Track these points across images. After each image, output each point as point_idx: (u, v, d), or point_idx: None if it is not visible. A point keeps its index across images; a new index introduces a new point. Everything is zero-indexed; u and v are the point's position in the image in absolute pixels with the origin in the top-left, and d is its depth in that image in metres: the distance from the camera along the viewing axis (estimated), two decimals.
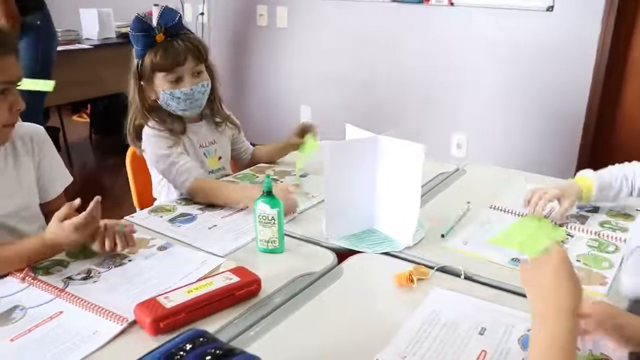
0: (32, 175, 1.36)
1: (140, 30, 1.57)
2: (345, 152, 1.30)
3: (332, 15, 3.99)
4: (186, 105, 1.65)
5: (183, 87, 1.62)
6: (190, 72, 1.63)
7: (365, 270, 1.25)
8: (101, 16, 4.24)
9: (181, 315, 0.99)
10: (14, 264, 1.18)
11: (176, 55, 1.58)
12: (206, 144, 1.78)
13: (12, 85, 1.20)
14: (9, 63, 1.18)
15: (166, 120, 1.68)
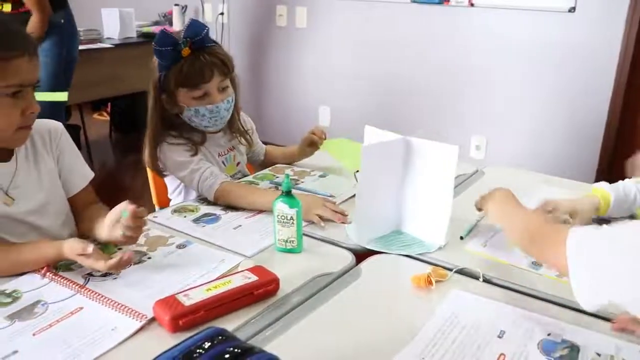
0: (53, 171, 1.37)
1: (166, 45, 1.51)
2: (378, 154, 1.29)
3: (351, 15, 3.98)
4: (210, 122, 1.63)
5: (208, 103, 1.58)
6: (216, 87, 1.58)
7: (384, 271, 1.25)
8: (122, 16, 4.28)
9: (200, 313, 0.99)
10: (29, 268, 1.19)
11: (202, 71, 1.53)
12: (224, 152, 1.77)
13: (25, 88, 1.18)
14: (21, 65, 1.15)
15: (184, 134, 1.64)
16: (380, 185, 1.35)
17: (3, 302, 1.09)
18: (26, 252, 1.21)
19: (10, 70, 1.13)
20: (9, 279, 1.17)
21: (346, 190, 1.64)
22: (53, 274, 1.18)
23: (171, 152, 1.62)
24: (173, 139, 1.63)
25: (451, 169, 1.29)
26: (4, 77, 1.13)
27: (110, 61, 3.99)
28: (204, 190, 1.57)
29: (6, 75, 1.13)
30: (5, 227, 1.27)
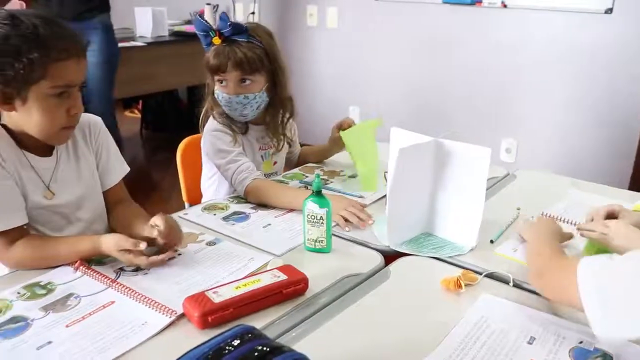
0: (92, 165, 1.40)
1: (199, 30, 1.63)
2: (410, 156, 1.29)
3: (382, 16, 3.97)
4: (227, 109, 1.69)
5: (226, 92, 1.65)
6: (234, 80, 1.63)
7: (412, 273, 1.24)
8: (155, 15, 4.33)
9: (229, 310, 1.00)
10: (65, 261, 1.22)
11: (221, 61, 1.61)
12: (265, 147, 1.80)
13: (71, 89, 1.21)
14: (69, 67, 1.18)
15: (230, 117, 1.72)
16: (411, 187, 1.34)
17: (38, 293, 1.12)
18: (63, 245, 1.23)
19: (58, 71, 1.16)
20: (44, 271, 1.20)
21: (375, 191, 1.64)
22: (86, 267, 1.20)
23: (213, 137, 1.68)
24: (219, 116, 1.71)
25: (483, 171, 1.28)
26: (54, 78, 1.16)
27: (143, 59, 4.04)
28: (236, 183, 1.62)
29: (55, 76, 1.16)
30: (44, 219, 1.30)
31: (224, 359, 0.74)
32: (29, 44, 1.13)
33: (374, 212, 1.51)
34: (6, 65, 1.12)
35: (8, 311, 1.06)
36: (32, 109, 1.18)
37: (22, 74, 1.13)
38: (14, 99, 1.17)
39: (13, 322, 1.03)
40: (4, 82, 1.14)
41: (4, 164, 1.22)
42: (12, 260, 1.22)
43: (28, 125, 1.22)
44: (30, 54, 1.12)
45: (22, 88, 1.15)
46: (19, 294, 1.12)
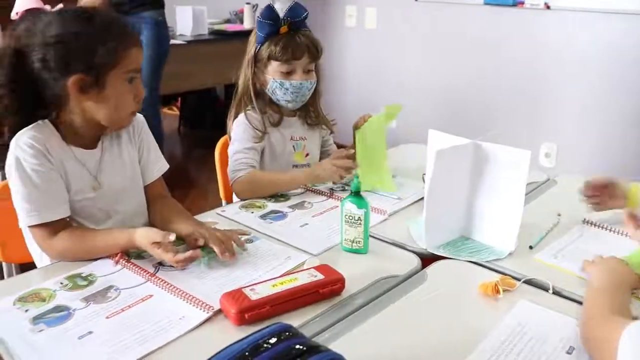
0: (134, 160, 1.43)
1: (267, 19, 1.65)
2: (448, 158, 1.28)
3: (421, 17, 3.94)
4: (291, 97, 1.72)
5: (293, 80, 1.69)
6: (303, 67, 1.70)
7: (450, 276, 1.23)
8: (195, 13, 4.38)
9: (265, 308, 1.01)
10: (102, 254, 1.25)
11: (295, 49, 1.67)
12: (296, 138, 1.83)
13: (137, 75, 1.29)
14: (136, 54, 1.27)
15: (265, 109, 1.76)
16: (449, 190, 1.33)
17: (79, 284, 1.15)
18: (99, 238, 1.26)
19: (129, 57, 1.25)
20: (85, 262, 1.23)
21: (413, 193, 1.63)
22: (126, 260, 1.22)
23: (239, 126, 1.74)
24: (253, 111, 1.75)
25: (523, 175, 1.26)
26: (126, 63, 1.25)
27: (182, 57, 4.08)
28: (230, 172, 1.69)
29: (126, 62, 1.25)
30: (86, 212, 1.33)
31: (261, 356, 0.74)
32: (104, 34, 1.23)
33: (412, 214, 1.50)
34: (82, 57, 1.21)
35: (52, 300, 1.09)
36: (109, 95, 1.25)
37: (100, 61, 1.21)
38: (92, 86, 1.24)
39: (56, 311, 1.05)
40: (85, 70, 1.21)
41: (50, 158, 1.25)
42: (54, 251, 1.25)
43: (101, 112, 1.27)
44: (106, 43, 1.22)
45: (101, 74, 1.23)
46: (61, 284, 1.15)
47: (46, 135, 1.27)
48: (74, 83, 1.21)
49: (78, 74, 1.21)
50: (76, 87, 1.22)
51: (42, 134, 1.27)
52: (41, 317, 1.04)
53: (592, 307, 1.01)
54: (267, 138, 1.77)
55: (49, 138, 1.27)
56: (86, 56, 1.20)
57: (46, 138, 1.27)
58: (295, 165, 1.82)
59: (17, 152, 1.24)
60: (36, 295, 1.11)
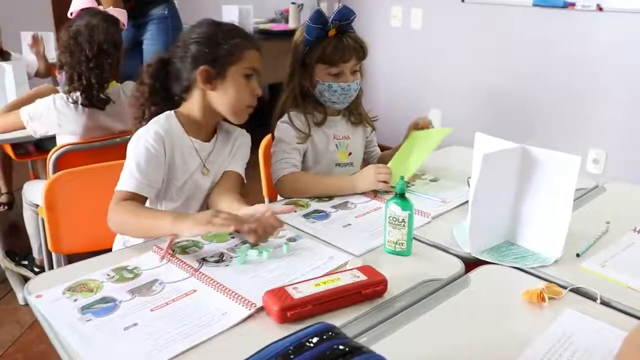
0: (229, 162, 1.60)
1: (317, 23, 1.67)
2: (495, 163, 1.26)
3: (468, 18, 3.89)
4: (339, 99, 1.74)
5: (342, 81, 1.71)
6: (350, 69, 1.72)
7: (493, 282, 1.21)
8: (241, 12, 4.42)
9: (308, 307, 1.01)
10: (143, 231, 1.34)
11: (344, 52, 1.69)
12: (340, 137, 1.84)
13: (255, 73, 1.48)
14: (255, 55, 1.48)
15: (310, 110, 1.78)
16: (495, 194, 1.31)
17: (125, 277, 1.17)
18: (149, 215, 1.34)
19: (249, 57, 1.46)
20: (130, 256, 1.26)
21: (457, 196, 1.61)
22: (170, 255, 1.24)
23: (282, 129, 1.77)
24: (297, 112, 1.78)
25: (572, 181, 1.24)
26: (245, 61, 1.45)
27: None
28: (274, 171, 1.73)
29: (246, 60, 1.46)
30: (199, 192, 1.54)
31: (304, 354, 0.74)
32: (231, 34, 1.46)
33: (455, 218, 1.48)
34: (210, 52, 1.44)
35: (99, 291, 1.12)
36: (228, 87, 1.46)
37: (226, 56, 1.44)
38: (216, 78, 1.45)
39: (103, 302, 1.08)
40: (211, 62, 1.44)
41: (166, 145, 1.44)
42: (111, 217, 1.34)
43: (221, 102, 1.48)
44: (233, 40, 1.45)
45: (223, 67, 1.44)
46: (108, 276, 1.18)
47: (171, 126, 1.48)
48: (200, 73, 1.43)
49: (205, 66, 1.43)
50: (202, 76, 1.44)
51: (168, 122, 1.48)
52: (89, 307, 1.06)
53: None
54: (311, 138, 1.78)
55: (173, 129, 1.48)
56: (213, 51, 1.43)
57: (171, 128, 1.47)
58: (338, 164, 1.83)
59: (144, 132, 1.44)
60: (84, 285, 1.14)
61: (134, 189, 1.37)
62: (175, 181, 1.49)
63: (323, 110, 1.80)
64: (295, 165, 1.71)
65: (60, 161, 2.08)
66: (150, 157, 1.41)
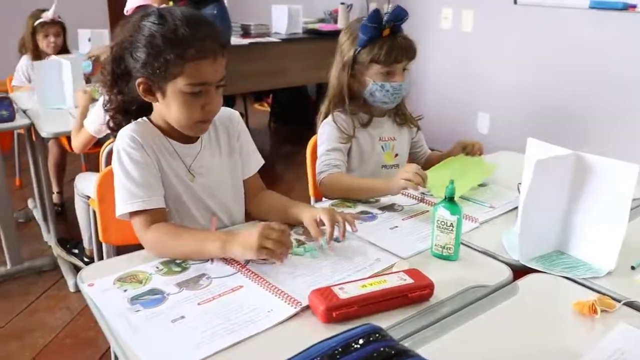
0: (234, 153, 1.48)
1: (374, 22, 1.65)
2: (548, 169, 1.23)
3: (521, 20, 3.82)
4: (389, 99, 1.74)
5: (394, 81, 1.70)
6: (401, 69, 1.72)
7: (542, 291, 1.18)
8: (291, 12, 4.46)
9: (353, 308, 1.00)
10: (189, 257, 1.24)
11: (398, 52, 1.68)
12: (386, 138, 1.84)
13: (206, 87, 1.27)
14: (205, 68, 1.24)
15: (355, 110, 1.78)
16: (546, 201, 1.28)
17: (173, 270, 1.20)
18: (191, 242, 1.25)
19: (193, 71, 1.23)
20: None
21: (506, 202, 1.58)
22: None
23: (326, 129, 1.77)
24: (342, 113, 1.77)
25: (629, 190, 1.20)
26: (187, 76, 1.23)
27: (276, 55, 4.17)
28: (317, 172, 1.72)
29: (189, 75, 1.23)
30: (184, 207, 1.39)
31: (351, 355, 0.74)
32: (168, 44, 1.21)
33: (504, 224, 1.45)
34: (149, 61, 1.23)
35: (148, 283, 1.14)
36: (170, 102, 1.28)
37: (161, 71, 1.23)
38: (156, 91, 1.28)
39: (151, 293, 1.10)
40: (147, 76, 1.26)
41: (149, 151, 1.31)
42: (147, 243, 1.28)
43: (168, 115, 1.32)
44: (168, 54, 1.21)
45: (161, 83, 1.25)
46: (157, 269, 1.20)
47: (146, 130, 1.34)
48: (138, 84, 1.27)
49: (142, 78, 1.26)
50: (141, 88, 1.28)
51: (140, 126, 1.34)
52: (138, 298, 1.09)
53: None
54: (356, 140, 1.78)
55: (149, 132, 1.34)
56: (150, 62, 1.23)
57: (146, 132, 1.33)
58: (384, 165, 1.83)
59: (119, 145, 1.31)
60: (134, 277, 1.17)
61: (144, 206, 1.28)
62: (165, 187, 1.35)
63: (369, 111, 1.79)
64: (337, 165, 1.70)
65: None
66: (139, 166, 1.29)
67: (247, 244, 1.16)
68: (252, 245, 1.15)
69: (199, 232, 1.30)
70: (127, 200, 1.28)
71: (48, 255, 2.89)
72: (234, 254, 1.20)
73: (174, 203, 1.38)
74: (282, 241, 1.17)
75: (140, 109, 1.38)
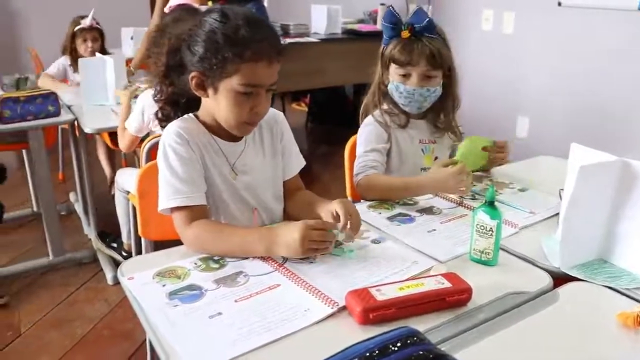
0: (277, 153, 1.50)
1: (389, 22, 1.69)
2: (592, 175, 1.20)
3: (565, 22, 3.74)
4: (404, 102, 1.74)
5: (409, 84, 1.69)
6: (420, 73, 1.69)
7: (584, 300, 1.15)
8: (330, 12, 4.47)
9: (391, 310, 1.00)
10: (232, 255, 1.25)
11: (411, 55, 1.67)
12: (426, 141, 1.83)
13: (259, 89, 1.29)
14: (258, 70, 1.27)
15: (393, 109, 1.78)
16: (589, 208, 1.25)
17: (211, 266, 1.21)
18: (236, 239, 1.26)
19: (248, 71, 1.25)
20: None
21: (547, 208, 1.55)
22: None
23: (365, 130, 1.78)
24: (381, 112, 1.78)
25: None
26: (241, 76, 1.26)
27: (315, 55, 4.18)
28: (354, 173, 1.72)
29: (243, 75, 1.25)
30: (224, 204, 1.40)
31: (389, 358, 0.74)
32: (227, 42, 1.24)
33: (544, 230, 1.43)
34: (206, 57, 1.26)
35: (186, 278, 1.16)
36: (221, 100, 1.30)
37: (217, 68, 1.25)
38: (208, 87, 1.31)
39: (190, 289, 1.12)
40: (202, 71, 1.28)
41: (194, 147, 1.34)
42: (187, 239, 1.30)
43: (216, 112, 1.34)
44: (226, 52, 1.24)
45: (215, 79, 1.28)
46: (195, 265, 1.22)
47: (192, 126, 1.36)
48: (191, 78, 1.30)
49: (196, 72, 1.29)
50: (193, 82, 1.30)
51: (186, 122, 1.37)
52: (176, 293, 1.10)
53: None
54: (395, 140, 1.77)
55: (195, 129, 1.36)
56: (208, 57, 1.25)
57: (192, 129, 1.36)
58: (423, 168, 1.81)
59: (165, 140, 1.34)
60: (172, 272, 1.19)
61: (186, 202, 1.30)
62: (207, 184, 1.37)
63: (404, 112, 1.79)
64: (374, 167, 1.70)
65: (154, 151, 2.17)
66: (184, 162, 1.32)
67: (292, 248, 1.19)
68: (297, 250, 1.18)
69: (240, 230, 1.31)
70: (170, 195, 1.30)
71: (88, 247, 2.96)
72: (278, 256, 1.22)
73: (215, 200, 1.39)
74: (324, 239, 1.20)
75: (189, 103, 1.41)
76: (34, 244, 3.00)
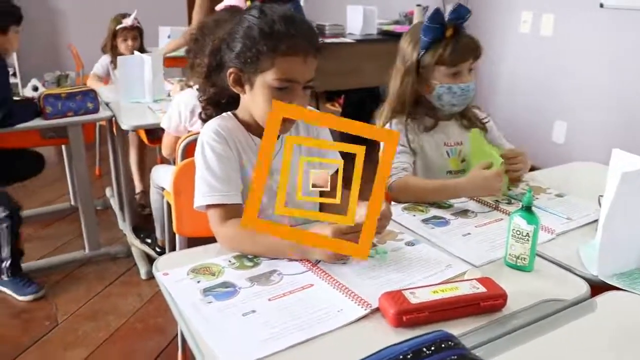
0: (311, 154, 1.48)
1: (436, 22, 1.62)
2: (634, 182, 1.18)
3: (606, 24, 3.66)
4: (458, 100, 1.70)
5: (461, 82, 1.67)
6: (468, 69, 1.68)
7: (622, 310, 1.12)
8: (366, 13, 4.46)
9: (424, 313, 0.99)
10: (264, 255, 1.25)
11: (462, 51, 1.65)
12: (451, 143, 1.79)
13: (294, 84, 1.29)
14: (294, 65, 1.27)
15: (419, 116, 1.75)
16: (631, 216, 1.22)
17: (246, 264, 1.22)
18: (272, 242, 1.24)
19: (283, 66, 1.26)
20: None
21: (585, 214, 1.52)
22: None
23: None
24: (400, 123, 1.73)
25: None
26: (276, 71, 1.26)
27: (350, 55, 4.17)
28: None
29: (278, 69, 1.26)
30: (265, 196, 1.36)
31: None
32: (262, 36, 1.25)
33: (582, 237, 1.40)
34: (242, 52, 1.29)
35: (220, 276, 1.17)
36: (257, 95, 1.31)
37: (252, 62, 1.27)
38: (244, 83, 1.33)
39: (224, 286, 1.13)
40: (239, 66, 1.31)
41: (232, 145, 1.35)
42: (222, 237, 1.31)
43: (253, 108, 1.35)
44: (260, 46, 1.25)
45: (251, 74, 1.30)
46: (229, 262, 1.23)
47: (230, 124, 1.38)
48: (229, 74, 1.32)
49: (234, 68, 1.31)
50: (231, 78, 1.32)
51: (225, 121, 1.38)
52: (210, 290, 1.11)
53: None
54: (420, 146, 1.74)
55: (233, 127, 1.38)
56: (245, 52, 1.27)
57: (230, 127, 1.37)
58: (449, 171, 1.78)
59: (204, 137, 1.35)
60: (207, 269, 1.20)
61: (222, 200, 1.31)
62: (243, 182, 1.38)
63: (434, 115, 1.76)
64: (405, 169, 1.67)
65: (189, 148, 2.19)
66: (221, 160, 1.33)
67: (325, 254, 1.20)
68: (330, 256, 1.19)
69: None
70: (205, 193, 1.32)
71: (122, 242, 3.02)
72: (313, 259, 1.23)
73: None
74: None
75: (229, 103, 1.43)
76: (71, 237, 3.08)
